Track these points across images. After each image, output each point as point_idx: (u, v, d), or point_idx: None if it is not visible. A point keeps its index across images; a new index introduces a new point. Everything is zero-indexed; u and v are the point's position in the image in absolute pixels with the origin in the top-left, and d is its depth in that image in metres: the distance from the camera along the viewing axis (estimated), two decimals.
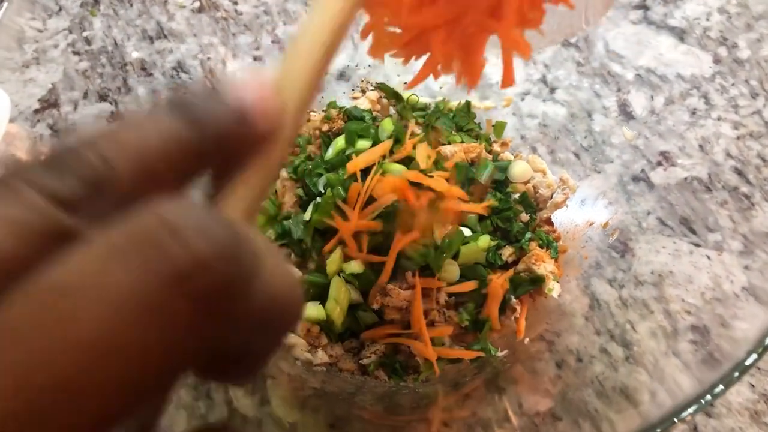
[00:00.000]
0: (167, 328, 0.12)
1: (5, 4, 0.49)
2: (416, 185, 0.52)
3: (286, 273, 0.17)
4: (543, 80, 0.63)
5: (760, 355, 0.36)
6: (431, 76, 0.32)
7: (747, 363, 0.36)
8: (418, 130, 0.62)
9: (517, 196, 0.60)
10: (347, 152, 0.58)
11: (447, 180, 0.54)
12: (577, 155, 0.61)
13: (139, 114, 0.17)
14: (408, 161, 0.56)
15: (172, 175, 0.16)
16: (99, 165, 0.15)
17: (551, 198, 0.60)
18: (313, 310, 0.53)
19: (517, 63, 0.65)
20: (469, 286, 0.53)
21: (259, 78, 0.19)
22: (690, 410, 0.35)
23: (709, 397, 0.35)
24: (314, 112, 0.64)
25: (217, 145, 0.17)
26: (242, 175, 0.18)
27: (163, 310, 0.12)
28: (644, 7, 0.61)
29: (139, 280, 0.12)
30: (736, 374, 0.36)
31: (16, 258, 0.13)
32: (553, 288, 0.55)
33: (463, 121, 0.64)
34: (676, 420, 0.35)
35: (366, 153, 0.56)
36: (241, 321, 0.15)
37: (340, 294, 0.52)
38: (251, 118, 0.18)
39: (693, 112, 0.56)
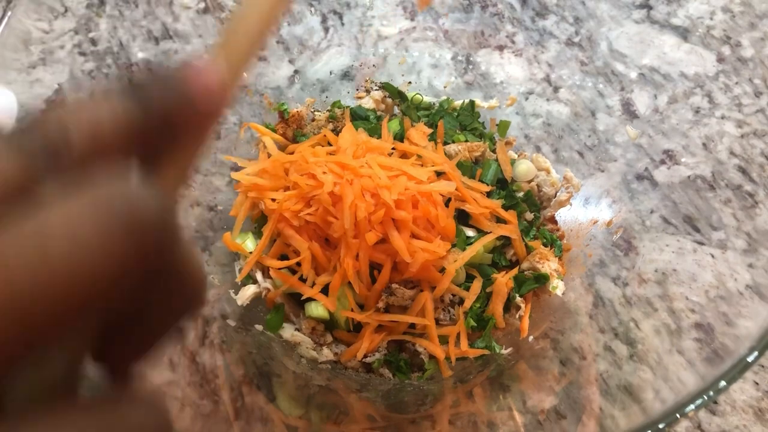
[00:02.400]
0: (117, 263, 0.17)
1: (13, 6, 0.49)
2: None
3: (197, 260, 0.22)
4: (547, 79, 0.64)
5: (761, 352, 0.36)
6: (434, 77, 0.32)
7: (749, 360, 0.36)
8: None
9: (521, 194, 0.60)
10: None
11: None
12: (581, 154, 0.61)
13: (97, 95, 0.21)
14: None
15: (119, 146, 0.20)
16: (58, 136, 0.19)
17: (555, 196, 0.61)
18: (317, 308, 0.53)
19: (521, 62, 0.66)
20: (474, 290, 0.53)
21: (205, 61, 0.22)
22: (692, 406, 0.35)
23: (711, 393, 0.35)
24: (319, 111, 0.64)
25: (162, 124, 0.21)
26: (175, 148, 0.21)
27: (116, 251, 0.17)
28: (648, 7, 0.61)
29: (103, 230, 0.17)
30: (739, 371, 0.36)
31: None
32: (558, 286, 0.55)
33: (467, 120, 0.64)
34: (678, 416, 0.35)
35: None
36: (159, 277, 0.20)
37: (344, 294, 0.52)
38: (195, 101, 0.21)
39: (696, 111, 0.56)
